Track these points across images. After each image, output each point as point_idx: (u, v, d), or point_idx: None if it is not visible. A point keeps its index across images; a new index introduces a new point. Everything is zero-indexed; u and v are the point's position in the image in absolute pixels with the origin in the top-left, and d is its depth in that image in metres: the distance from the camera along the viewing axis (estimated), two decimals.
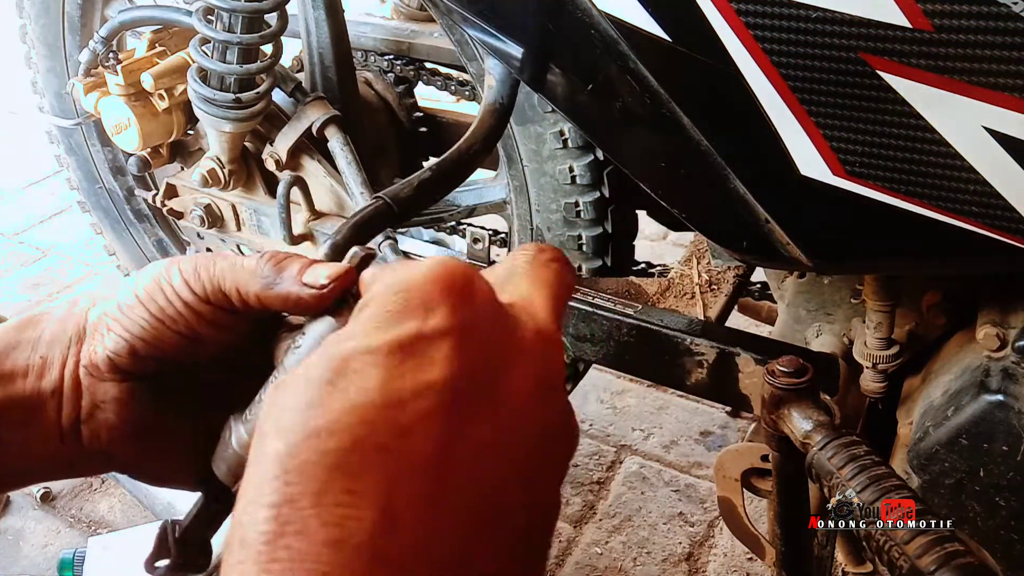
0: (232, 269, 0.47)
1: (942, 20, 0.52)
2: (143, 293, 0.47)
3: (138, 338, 0.47)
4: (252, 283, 0.47)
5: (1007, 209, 0.58)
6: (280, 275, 0.46)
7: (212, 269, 0.47)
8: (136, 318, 0.47)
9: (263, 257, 0.47)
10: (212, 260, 0.48)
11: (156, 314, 0.47)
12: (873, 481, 0.54)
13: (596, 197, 1.07)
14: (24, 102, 1.81)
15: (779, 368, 0.67)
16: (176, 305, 0.47)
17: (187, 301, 0.47)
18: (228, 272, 0.47)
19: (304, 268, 0.46)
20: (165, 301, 0.47)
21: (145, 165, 1.29)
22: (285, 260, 0.47)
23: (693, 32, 0.62)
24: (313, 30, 1.18)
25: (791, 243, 0.72)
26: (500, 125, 0.83)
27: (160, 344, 0.47)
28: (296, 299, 0.46)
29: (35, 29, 1.45)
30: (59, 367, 0.47)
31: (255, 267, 0.46)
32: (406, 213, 0.71)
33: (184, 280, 0.47)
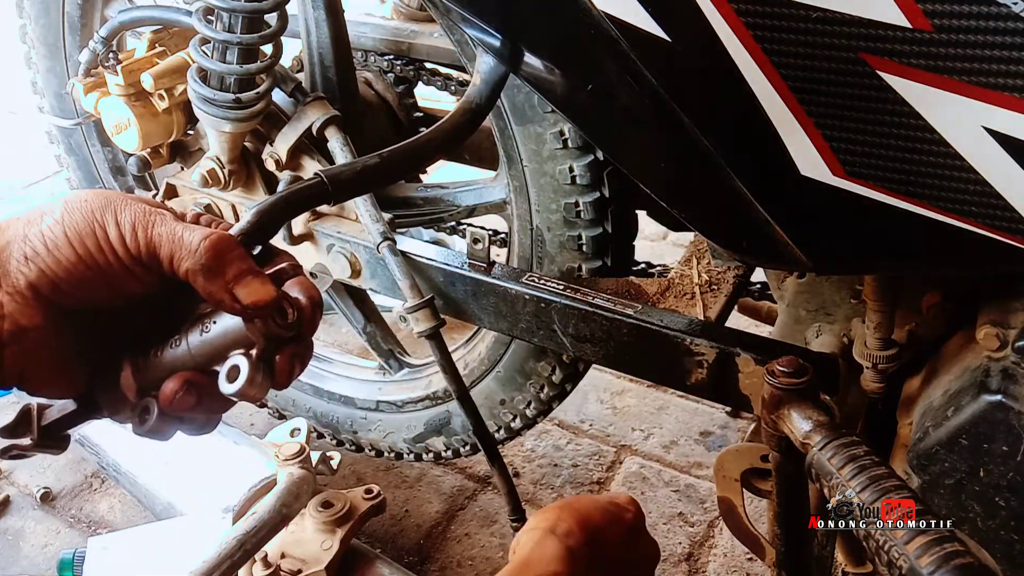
0: (171, 239, 0.47)
1: (942, 20, 0.52)
2: (72, 233, 0.47)
3: (61, 277, 0.47)
4: (187, 262, 0.47)
5: (1007, 209, 0.58)
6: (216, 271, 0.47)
7: (150, 231, 0.47)
8: (61, 256, 0.47)
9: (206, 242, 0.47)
10: (151, 219, 0.48)
11: (83, 256, 0.47)
12: (873, 481, 0.54)
13: (596, 197, 1.07)
14: (24, 102, 1.81)
15: (779, 368, 0.67)
16: (106, 254, 0.47)
17: (118, 254, 0.47)
18: (166, 240, 0.47)
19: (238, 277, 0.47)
20: (96, 247, 0.47)
21: (145, 165, 1.29)
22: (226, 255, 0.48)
23: (693, 32, 0.62)
24: (313, 30, 1.18)
25: (791, 243, 0.72)
26: (471, 126, 0.82)
27: (84, 286, 0.47)
28: (219, 301, 0.48)
29: (35, 29, 1.45)
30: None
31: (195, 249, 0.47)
32: (341, 194, 0.70)
33: (120, 234, 0.47)
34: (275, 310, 0.49)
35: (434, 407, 1.38)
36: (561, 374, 1.22)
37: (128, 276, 0.48)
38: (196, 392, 0.50)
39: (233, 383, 0.48)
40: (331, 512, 1.19)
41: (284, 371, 0.51)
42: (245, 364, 0.48)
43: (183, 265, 0.47)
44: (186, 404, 0.49)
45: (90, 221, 0.47)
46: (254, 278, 0.48)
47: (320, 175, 0.67)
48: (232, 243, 0.49)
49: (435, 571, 1.42)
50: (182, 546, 1.28)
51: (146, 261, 0.48)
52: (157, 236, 0.47)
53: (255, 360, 0.49)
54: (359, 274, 1.16)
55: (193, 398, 0.49)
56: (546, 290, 1.02)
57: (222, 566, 1.02)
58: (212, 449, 1.40)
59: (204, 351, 0.51)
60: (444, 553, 1.45)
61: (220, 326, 0.50)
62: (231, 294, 0.47)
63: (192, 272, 0.48)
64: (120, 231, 0.47)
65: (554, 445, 1.65)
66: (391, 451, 1.47)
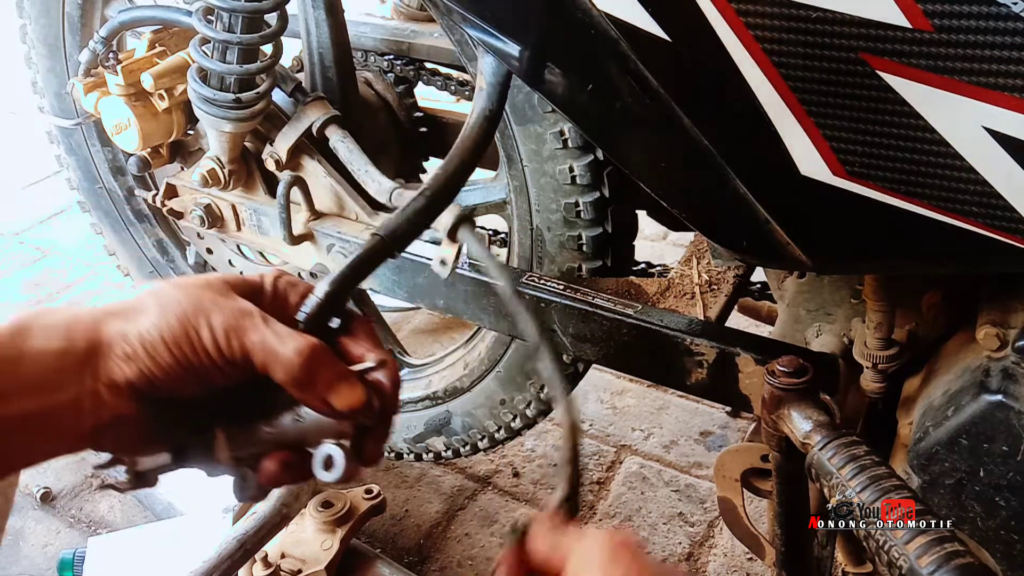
0: (264, 349, 0.50)
1: (942, 20, 0.52)
2: (169, 337, 0.49)
3: (158, 378, 0.49)
4: (280, 374, 0.51)
5: (1007, 209, 0.58)
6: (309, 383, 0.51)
7: (243, 338, 0.50)
8: (159, 358, 0.49)
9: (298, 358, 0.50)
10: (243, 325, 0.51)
11: (180, 359, 0.50)
12: (873, 481, 0.54)
13: (596, 197, 1.07)
14: (24, 102, 1.81)
15: (779, 368, 0.67)
16: (201, 358, 0.50)
17: (213, 358, 0.50)
18: (259, 350, 0.50)
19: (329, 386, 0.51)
20: (192, 352, 0.50)
21: (145, 165, 1.29)
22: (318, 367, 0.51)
23: (693, 32, 0.62)
24: (313, 30, 1.18)
25: (791, 243, 0.72)
26: (490, 133, 0.83)
27: (177, 382, 0.50)
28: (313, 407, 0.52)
29: (35, 29, 1.45)
30: (74, 385, 0.49)
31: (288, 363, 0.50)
32: (401, 246, 0.73)
33: (214, 340, 0.50)
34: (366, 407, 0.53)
35: (434, 407, 1.38)
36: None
37: (221, 374, 0.51)
38: (291, 472, 0.54)
39: (329, 472, 0.52)
40: (331, 512, 1.19)
41: (372, 457, 0.55)
42: (340, 456, 0.52)
43: (277, 376, 0.51)
44: (282, 481, 0.54)
45: (184, 326, 0.50)
46: (343, 384, 0.52)
47: (378, 234, 0.69)
48: (322, 353, 0.52)
49: (435, 571, 1.42)
50: (182, 546, 1.28)
51: (238, 364, 0.51)
52: (251, 344, 0.50)
53: (348, 449, 0.53)
54: None
55: (288, 477, 0.54)
56: (546, 290, 1.02)
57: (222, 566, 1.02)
58: None
59: (296, 436, 0.55)
60: (444, 553, 1.45)
61: (313, 418, 0.54)
62: (325, 402, 0.51)
63: (286, 383, 0.51)
64: (214, 336, 0.50)
65: (554, 445, 1.65)
66: (391, 451, 1.47)
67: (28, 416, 0.48)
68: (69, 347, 0.49)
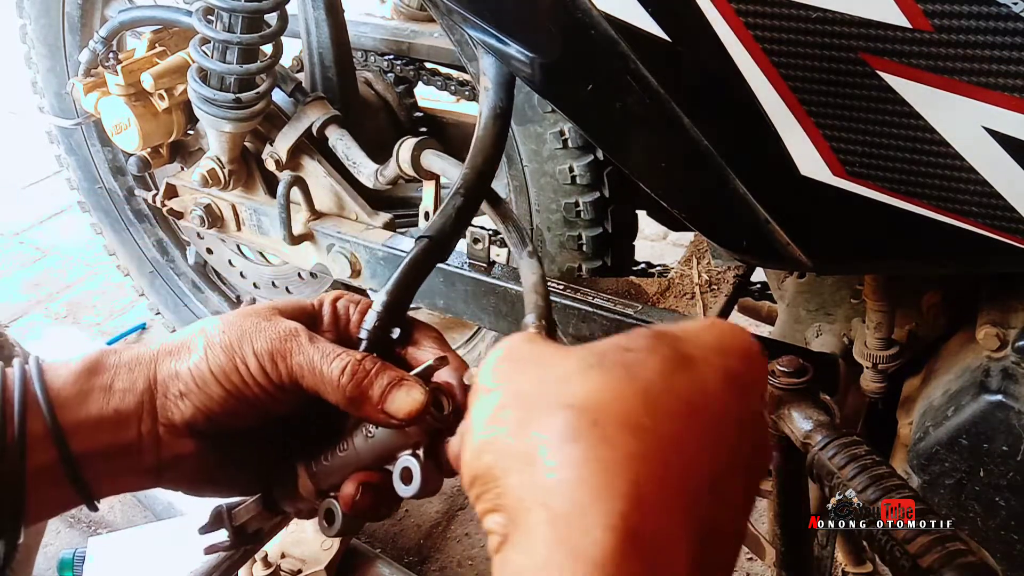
0: (312, 371, 0.49)
1: (942, 20, 0.52)
2: (218, 371, 0.49)
3: (213, 411, 0.50)
4: (332, 396, 0.50)
5: (1007, 209, 0.58)
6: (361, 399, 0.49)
7: (289, 360, 0.49)
8: (212, 393, 0.49)
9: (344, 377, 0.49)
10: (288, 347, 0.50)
11: (231, 391, 0.49)
12: (874, 481, 0.54)
13: (596, 197, 1.07)
14: (24, 102, 1.81)
15: (779, 368, 0.67)
16: (252, 387, 0.49)
17: (263, 385, 0.49)
18: (308, 372, 0.49)
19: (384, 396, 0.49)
20: (241, 382, 0.49)
21: (145, 165, 1.29)
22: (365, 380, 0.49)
23: (693, 32, 0.62)
24: (313, 30, 1.18)
25: (791, 243, 0.72)
26: (504, 129, 0.83)
27: (234, 415, 0.50)
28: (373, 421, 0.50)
29: (35, 29, 1.45)
30: (135, 423, 0.49)
31: (335, 382, 0.49)
32: (450, 244, 0.72)
33: (260, 366, 0.49)
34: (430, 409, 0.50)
35: None
36: None
37: (274, 401, 0.50)
38: (373, 492, 0.51)
39: (409, 486, 0.49)
40: None
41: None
42: (416, 467, 0.49)
43: (328, 396, 0.50)
44: (365, 504, 0.51)
45: (231, 356, 0.49)
46: (399, 389, 0.49)
47: (426, 236, 0.68)
48: (370, 364, 0.50)
49: (435, 571, 1.42)
50: (182, 546, 1.28)
51: (289, 388, 0.50)
52: (297, 367, 0.49)
53: (424, 459, 0.50)
54: (359, 274, 1.16)
55: (371, 498, 0.51)
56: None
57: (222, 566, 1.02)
58: None
59: (372, 454, 0.52)
60: (444, 553, 1.45)
61: (383, 430, 0.51)
62: (383, 413, 0.49)
63: (338, 402, 0.50)
64: (260, 363, 0.49)
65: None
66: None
67: (94, 454, 0.48)
68: (131, 387, 0.49)
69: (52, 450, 0.47)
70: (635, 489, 0.32)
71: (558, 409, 0.34)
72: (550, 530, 0.32)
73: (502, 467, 0.35)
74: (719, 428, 0.36)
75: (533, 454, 0.34)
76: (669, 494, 0.33)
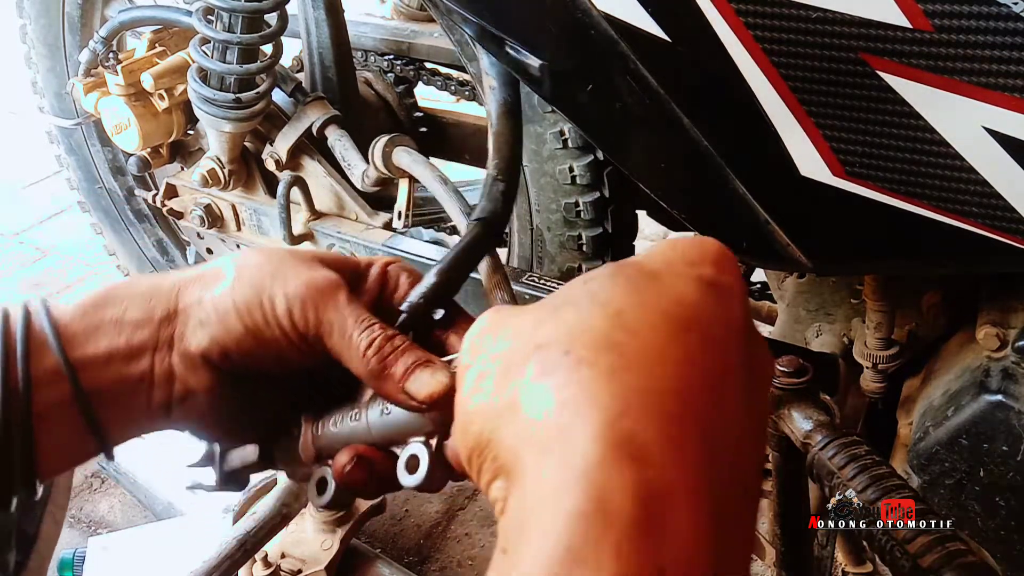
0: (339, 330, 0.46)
1: (942, 20, 0.52)
2: (241, 304, 0.46)
3: (230, 347, 0.47)
4: (354, 365, 0.47)
5: (1007, 209, 0.58)
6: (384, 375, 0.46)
7: (321, 314, 0.47)
8: (231, 327, 0.46)
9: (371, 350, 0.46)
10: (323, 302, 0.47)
11: (252, 330, 0.46)
12: (874, 481, 0.54)
13: (596, 197, 1.07)
14: (24, 102, 1.81)
15: (779, 368, 0.67)
16: (273, 329, 0.47)
17: (285, 330, 0.47)
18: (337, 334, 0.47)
19: (407, 375, 0.46)
20: (263, 321, 0.46)
21: (145, 165, 1.29)
22: (389, 356, 0.46)
23: (693, 32, 0.62)
24: (313, 30, 1.18)
25: (791, 243, 0.72)
26: (518, 122, 0.83)
27: (250, 355, 0.47)
28: (395, 401, 0.47)
29: (35, 29, 1.45)
30: (149, 354, 0.47)
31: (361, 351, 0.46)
32: (502, 227, 0.70)
33: (288, 310, 0.46)
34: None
35: None
36: None
37: (293, 349, 0.47)
38: (367, 468, 0.47)
39: (412, 475, 0.45)
40: (331, 512, 1.19)
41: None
42: (425, 457, 0.45)
43: (349, 362, 0.47)
44: (354, 478, 0.47)
45: (259, 292, 0.47)
46: (424, 370, 0.46)
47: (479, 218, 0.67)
48: (400, 341, 0.47)
49: (435, 571, 1.42)
50: (182, 546, 1.28)
51: (312, 342, 0.47)
52: (328, 324, 0.47)
53: (435, 451, 0.46)
54: None
55: (363, 474, 0.47)
56: (546, 290, 1.02)
57: (222, 566, 1.02)
58: None
59: (383, 431, 0.49)
60: (444, 553, 1.45)
61: (400, 410, 0.48)
62: (404, 393, 0.46)
63: (359, 371, 0.47)
64: (288, 307, 0.46)
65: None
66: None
67: (105, 390, 0.46)
68: (147, 317, 0.47)
69: (62, 386, 0.44)
70: (619, 398, 0.31)
71: (531, 352, 0.34)
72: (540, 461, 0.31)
73: (491, 428, 0.34)
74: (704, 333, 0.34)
75: (516, 403, 0.33)
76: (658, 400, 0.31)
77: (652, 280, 0.35)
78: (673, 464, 0.30)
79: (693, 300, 0.34)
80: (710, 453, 0.31)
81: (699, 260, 0.37)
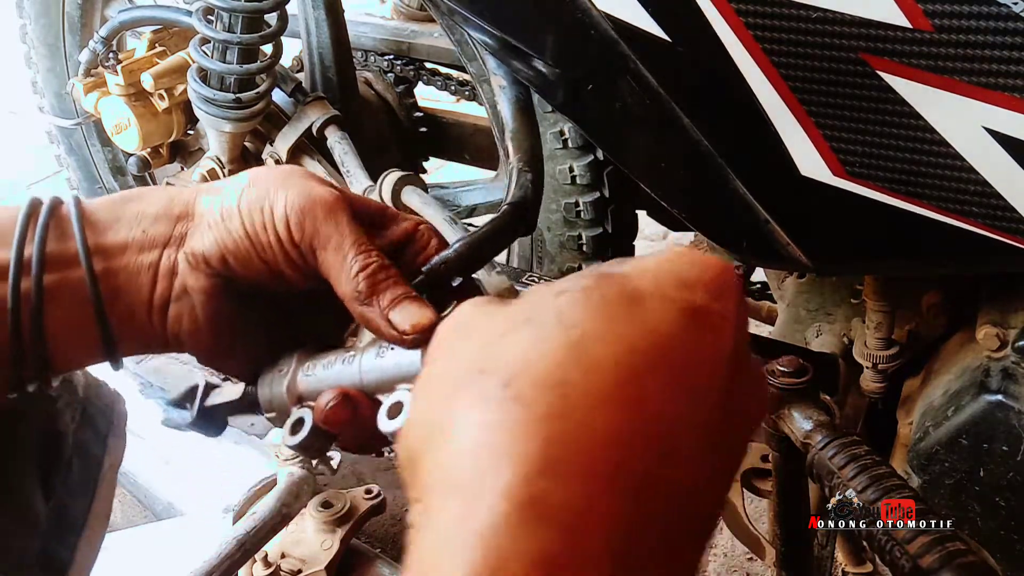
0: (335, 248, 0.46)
1: (942, 20, 0.52)
2: (245, 207, 0.47)
3: (228, 249, 0.47)
4: (342, 281, 0.46)
5: (1007, 209, 0.58)
6: (370, 298, 0.46)
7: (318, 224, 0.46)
8: (232, 228, 0.47)
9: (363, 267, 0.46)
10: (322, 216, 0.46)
11: (250, 234, 0.47)
12: (874, 481, 0.54)
13: (596, 197, 1.07)
14: (24, 102, 1.81)
15: (779, 368, 0.67)
16: (268, 234, 0.47)
17: (281, 237, 0.47)
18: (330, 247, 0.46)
19: (394, 303, 0.45)
20: (261, 225, 0.47)
21: (145, 165, 1.29)
22: (381, 283, 0.46)
23: (693, 32, 0.62)
24: (313, 30, 1.18)
25: (791, 243, 0.72)
26: (533, 117, 0.83)
27: (246, 262, 0.47)
28: (375, 328, 0.46)
29: (35, 29, 1.45)
30: (160, 246, 0.48)
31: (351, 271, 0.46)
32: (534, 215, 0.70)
33: (285, 216, 0.46)
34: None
35: None
36: None
37: (288, 262, 0.47)
38: (351, 408, 0.46)
39: (393, 420, 0.44)
40: (331, 512, 1.19)
41: None
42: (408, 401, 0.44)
43: (338, 285, 0.46)
44: (337, 417, 0.46)
45: (263, 195, 0.47)
46: (412, 303, 0.45)
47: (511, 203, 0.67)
48: (387, 268, 0.46)
49: None
50: (182, 546, 1.28)
51: (305, 253, 0.47)
52: (324, 237, 0.46)
53: None
54: None
55: (347, 413, 0.46)
56: None
57: (222, 566, 1.02)
58: (212, 449, 1.40)
59: (374, 375, 0.47)
60: None
61: (396, 353, 0.47)
62: (387, 319, 0.45)
63: (346, 294, 0.46)
64: (286, 213, 0.46)
65: None
66: (391, 450, 1.47)
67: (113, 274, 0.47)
68: (165, 214, 0.48)
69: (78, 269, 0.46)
70: (543, 452, 0.28)
71: (474, 376, 0.31)
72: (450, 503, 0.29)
73: (420, 448, 0.32)
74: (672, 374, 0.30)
75: (446, 428, 0.31)
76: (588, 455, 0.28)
77: (631, 304, 0.32)
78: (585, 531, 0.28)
79: (671, 333, 0.31)
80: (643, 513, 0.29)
81: (694, 283, 0.33)
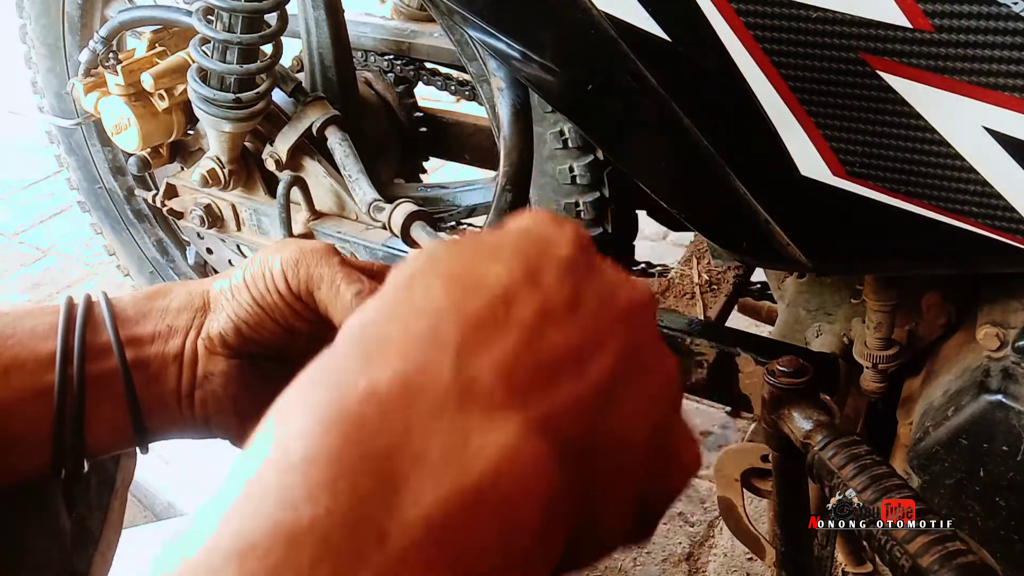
0: (329, 284, 0.49)
1: (942, 20, 0.52)
2: (249, 277, 0.50)
3: (242, 320, 0.50)
4: (339, 313, 0.49)
5: (1007, 209, 0.58)
6: None
7: (311, 269, 0.50)
8: (242, 300, 0.50)
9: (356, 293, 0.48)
10: (314, 259, 0.50)
11: (257, 299, 0.50)
12: (874, 481, 0.54)
13: (596, 197, 1.07)
14: (24, 102, 1.81)
15: (779, 368, 0.67)
16: (272, 294, 0.50)
17: (281, 291, 0.50)
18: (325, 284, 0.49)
19: None
20: (264, 288, 0.50)
21: (145, 165, 1.29)
22: None
23: (693, 32, 0.62)
24: (313, 30, 1.18)
25: (791, 243, 0.72)
26: (528, 123, 0.83)
27: (260, 328, 0.50)
28: None
29: (35, 29, 1.45)
30: (183, 335, 0.51)
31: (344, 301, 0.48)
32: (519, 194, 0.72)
33: (282, 270, 0.50)
34: None
35: None
36: None
37: (294, 315, 0.50)
38: None
39: None
40: None
41: None
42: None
43: (335, 317, 0.49)
44: None
45: (263, 262, 0.50)
46: None
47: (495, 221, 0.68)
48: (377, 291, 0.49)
49: None
50: None
51: (304, 299, 0.50)
52: (317, 277, 0.49)
53: None
54: None
55: None
56: None
57: None
58: (212, 449, 1.40)
59: None
60: None
61: None
62: None
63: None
64: (282, 267, 0.50)
65: None
66: None
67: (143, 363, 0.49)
68: (186, 305, 0.51)
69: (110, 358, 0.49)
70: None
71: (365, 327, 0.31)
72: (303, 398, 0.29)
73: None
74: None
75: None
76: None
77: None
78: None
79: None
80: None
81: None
